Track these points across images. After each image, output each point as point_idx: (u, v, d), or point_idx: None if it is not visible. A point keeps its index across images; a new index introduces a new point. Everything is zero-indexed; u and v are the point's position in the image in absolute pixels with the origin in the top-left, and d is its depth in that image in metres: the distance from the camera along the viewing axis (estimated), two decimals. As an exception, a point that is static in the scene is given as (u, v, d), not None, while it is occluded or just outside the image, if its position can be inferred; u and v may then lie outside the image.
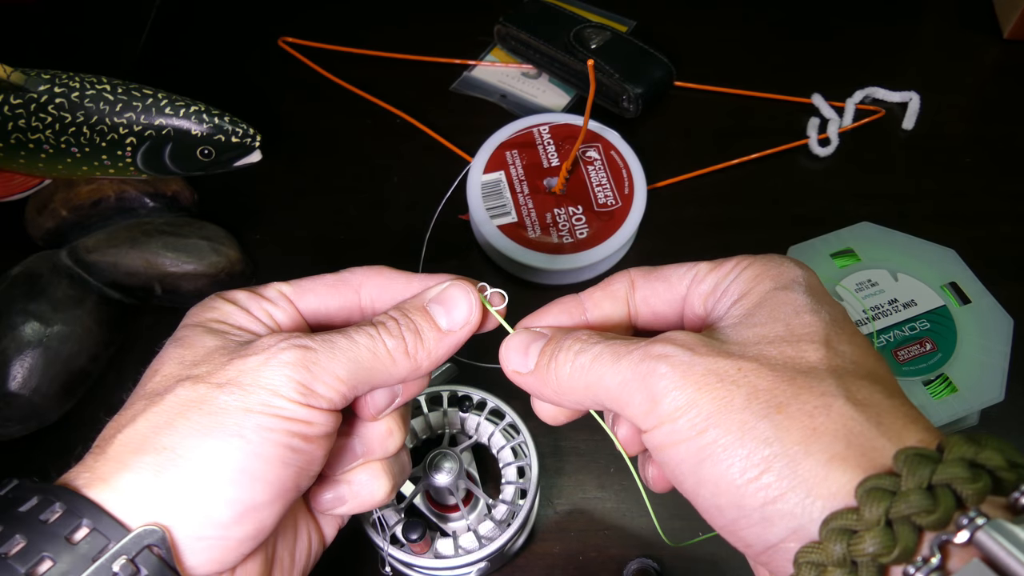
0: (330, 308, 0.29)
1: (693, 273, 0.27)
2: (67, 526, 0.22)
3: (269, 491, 0.24)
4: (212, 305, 0.28)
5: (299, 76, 0.62)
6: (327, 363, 0.25)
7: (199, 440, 0.24)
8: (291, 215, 0.55)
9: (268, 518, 0.25)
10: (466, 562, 0.37)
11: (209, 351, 0.26)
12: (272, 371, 0.25)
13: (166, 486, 0.23)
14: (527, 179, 0.53)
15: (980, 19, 0.66)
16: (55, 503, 0.23)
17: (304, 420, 0.25)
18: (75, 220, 0.49)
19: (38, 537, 0.22)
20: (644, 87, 0.58)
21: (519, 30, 0.61)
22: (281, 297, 0.28)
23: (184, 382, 0.25)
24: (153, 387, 0.25)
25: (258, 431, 0.24)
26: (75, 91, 0.42)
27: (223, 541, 0.24)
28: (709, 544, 0.43)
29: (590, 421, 0.48)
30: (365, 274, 0.29)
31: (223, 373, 0.25)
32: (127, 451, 0.24)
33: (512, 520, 0.38)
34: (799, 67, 0.63)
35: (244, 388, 0.24)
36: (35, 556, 0.22)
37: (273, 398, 0.24)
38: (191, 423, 0.24)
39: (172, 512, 0.23)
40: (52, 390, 0.44)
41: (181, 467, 0.23)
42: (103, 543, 0.22)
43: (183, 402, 0.24)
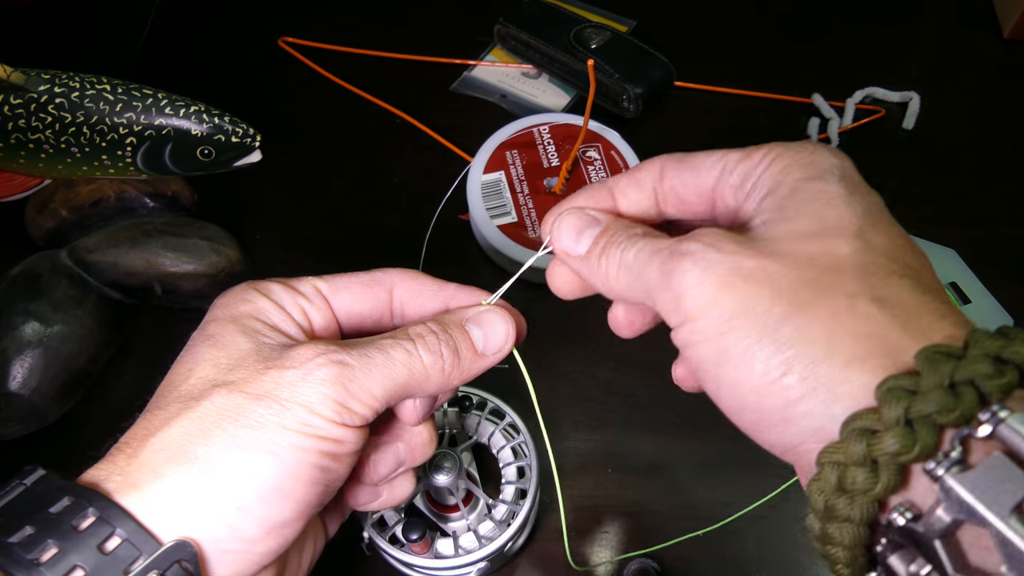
0: (363, 308, 0.29)
1: (722, 164, 0.25)
2: (99, 535, 0.22)
3: (296, 509, 0.24)
4: (246, 297, 0.27)
5: (299, 76, 0.62)
6: (363, 380, 0.25)
7: (233, 454, 0.23)
8: (291, 215, 0.55)
9: (292, 534, 0.25)
10: (466, 562, 0.37)
11: (244, 354, 0.25)
12: (309, 388, 0.24)
13: (198, 499, 0.23)
14: (527, 179, 0.53)
15: (980, 19, 0.66)
16: (87, 508, 0.22)
17: (337, 439, 0.24)
18: (75, 220, 0.49)
19: (70, 545, 0.22)
20: (644, 87, 0.58)
21: (519, 30, 0.61)
22: (316, 294, 0.28)
23: (219, 388, 0.24)
24: (188, 390, 0.25)
25: (292, 450, 0.24)
26: (75, 91, 0.42)
27: (248, 556, 0.24)
28: (709, 544, 0.43)
29: (590, 422, 0.49)
30: (398, 276, 0.29)
31: (260, 383, 0.24)
32: (161, 458, 0.23)
33: (512, 520, 0.38)
34: (799, 67, 0.63)
35: (281, 403, 0.24)
36: (67, 566, 0.21)
37: (309, 416, 0.24)
38: (226, 435, 0.23)
39: (202, 526, 0.23)
40: (52, 390, 0.44)
41: (214, 481, 0.23)
42: (134, 555, 0.22)
43: (219, 411, 0.24)
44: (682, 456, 0.46)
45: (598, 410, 0.47)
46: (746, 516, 0.44)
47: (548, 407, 0.47)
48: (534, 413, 0.37)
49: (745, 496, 0.44)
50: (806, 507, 0.47)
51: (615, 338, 0.50)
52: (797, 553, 0.43)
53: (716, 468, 0.45)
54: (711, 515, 0.44)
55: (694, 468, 0.45)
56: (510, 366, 0.29)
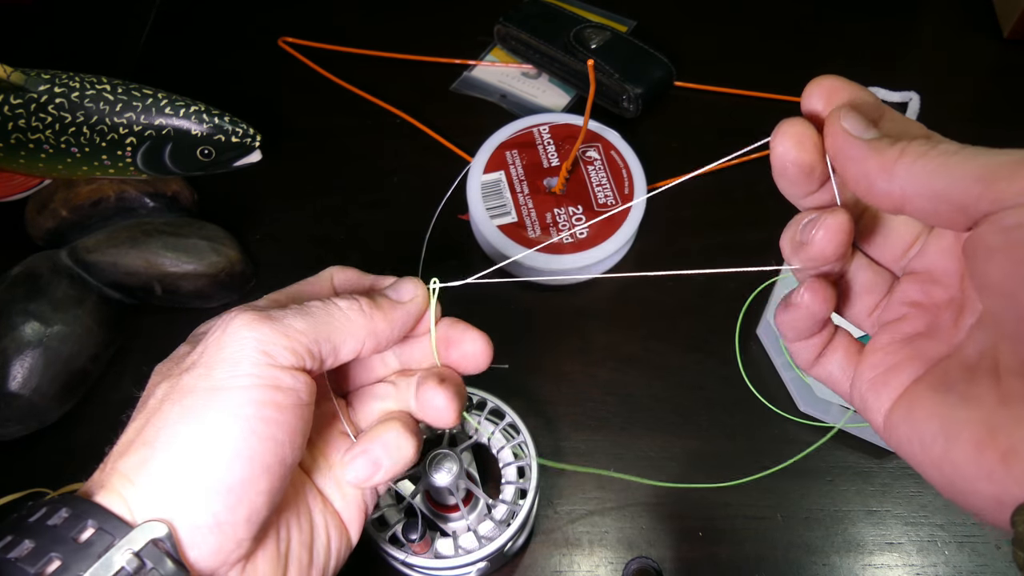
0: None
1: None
2: (73, 528, 0.23)
3: (250, 467, 0.24)
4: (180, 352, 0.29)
5: (299, 76, 0.62)
6: (285, 321, 0.25)
7: (173, 429, 0.24)
8: (291, 215, 0.55)
9: (258, 498, 0.24)
10: (466, 562, 0.37)
11: (184, 352, 0.27)
12: (231, 340, 0.25)
13: (165, 478, 0.24)
14: (527, 179, 0.53)
15: (980, 19, 0.66)
16: (61, 508, 0.23)
17: (276, 385, 0.24)
18: (75, 220, 0.49)
19: (46, 540, 0.23)
20: (644, 87, 0.58)
21: (519, 30, 0.61)
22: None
23: (160, 384, 0.26)
24: (142, 402, 0.27)
25: (240, 406, 0.24)
26: (75, 91, 0.42)
27: (220, 528, 0.24)
28: (709, 544, 0.43)
29: (589, 422, 0.49)
30: (335, 270, 0.31)
31: (188, 359, 0.26)
32: (117, 457, 0.25)
33: (512, 520, 0.38)
34: (799, 67, 0.63)
35: (207, 366, 0.25)
36: (43, 556, 0.22)
37: (235, 368, 0.24)
38: (164, 415, 0.24)
39: (167, 505, 0.24)
40: (52, 390, 0.44)
41: (175, 456, 0.24)
42: (109, 540, 0.23)
43: (159, 399, 0.25)
44: (682, 456, 0.46)
45: (598, 410, 0.47)
46: (746, 516, 0.44)
47: (548, 407, 0.47)
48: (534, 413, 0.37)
49: (745, 496, 0.44)
50: (807, 507, 0.48)
51: (615, 338, 0.50)
52: (797, 553, 0.43)
53: (716, 468, 0.45)
54: (711, 515, 0.44)
55: (694, 468, 0.45)
56: (510, 366, 0.29)
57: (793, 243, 0.24)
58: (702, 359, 0.49)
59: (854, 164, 0.22)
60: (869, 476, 0.45)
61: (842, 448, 0.46)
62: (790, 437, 0.46)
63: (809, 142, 0.23)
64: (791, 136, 0.23)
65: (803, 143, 0.23)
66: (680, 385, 0.48)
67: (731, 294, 0.52)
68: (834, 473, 0.45)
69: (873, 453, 0.46)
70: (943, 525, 0.44)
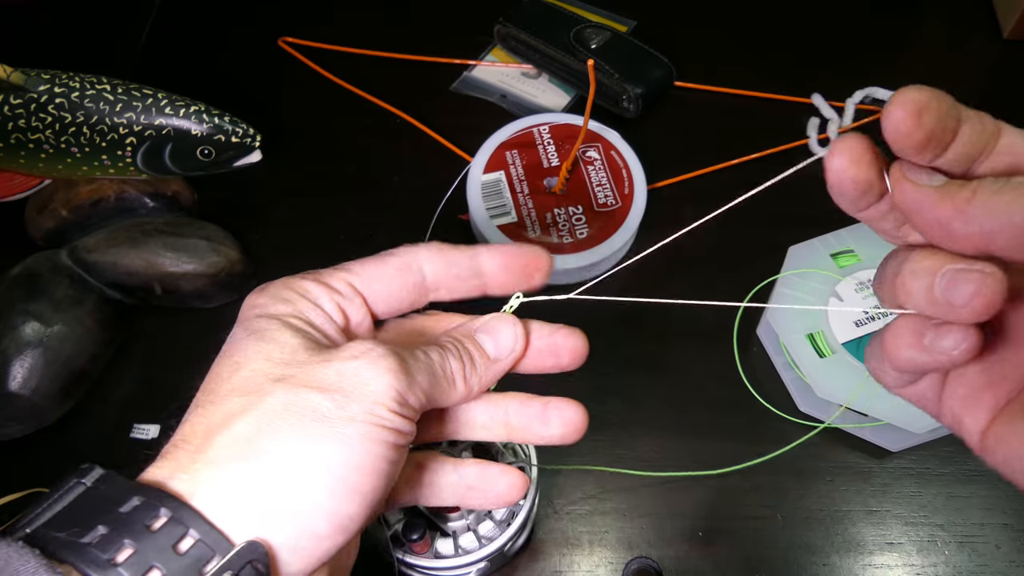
0: (399, 295, 0.28)
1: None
2: (173, 535, 0.21)
3: (363, 503, 0.24)
4: (284, 297, 0.26)
5: (299, 76, 0.62)
6: (415, 373, 0.25)
7: (303, 448, 0.23)
8: (291, 215, 0.55)
9: (356, 529, 0.24)
10: (466, 562, 0.37)
11: (294, 348, 0.25)
12: (375, 378, 0.24)
13: (268, 497, 0.22)
14: (527, 179, 0.53)
15: (980, 19, 0.66)
16: (159, 508, 0.22)
17: (399, 430, 0.24)
18: (75, 220, 0.49)
19: (145, 545, 0.21)
20: (644, 87, 0.58)
21: (519, 30, 0.61)
22: (350, 289, 0.28)
23: (280, 383, 0.24)
24: (242, 384, 0.24)
25: (361, 441, 0.23)
26: (75, 91, 0.42)
27: (315, 552, 0.23)
28: (709, 544, 0.43)
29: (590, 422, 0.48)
30: (426, 255, 0.28)
31: (323, 376, 0.24)
32: (227, 455, 0.23)
33: (512, 520, 0.38)
34: (799, 67, 0.63)
35: (347, 395, 0.24)
36: (144, 566, 0.21)
37: (376, 406, 0.24)
38: (294, 430, 0.23)
39: (272, 524, 0.22)
40: (52, 390, 0.44)
41: (283, 477, 0.23)
42: (208, 555, 0.22)
43: (284, 406, 0.23)
44: (682, 456, 0.46)
45: (598, 410, 0.47)
46: (746, 516, 0.44)
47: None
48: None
49: (745, 496, 0.44)
50: (807, 507, 0.48)
51: (615, 338, 0.50)
52: (797, 553, 0.43)
53: (715, 468, 0.45)
54: (711, 515, 0.44)
55: (694, 468, 0.45)
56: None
57: (902, 288, 0.22)
58: (702, 359, 0.49)
59: (927, 213, 0.21)
60: (869, 476, 0.45)
61: (842, 448, 0.46)
62: (790, 437, 0.46)
63: (866, 160, 0.23)
64: (848, 153, 0.23)
65: (860, 161, 0.23)
66: (680, 385, 0.48)
67: (731, 294, 0.52)
68: (834, 473, 0.45)
69: (873, 453, 0.46)
70: (943, 525, 0.44)
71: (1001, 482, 0.45)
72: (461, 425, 0.30)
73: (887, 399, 0.43)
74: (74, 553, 0.21)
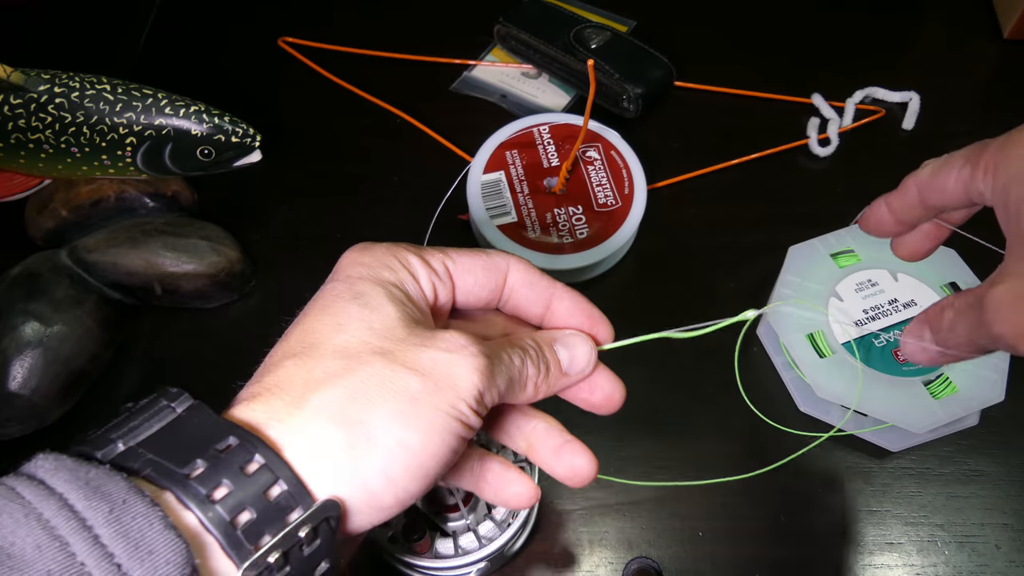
0: (481, 291, 0.29)
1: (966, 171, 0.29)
2: (265, 482, 0.22)
3: (424, 485, 0.25)
4: (388, 264, 0.27)
5: (299, 76, 0.62)
6: (495, 376, 0.26)
7: (394, 425, 0.24)
8: (291, 215, 0.55)
9: (409, 505, 0.25)
10: (466, 562, 0.37)
11: (394, 322, 0.26)
12: (463, 374, 0.25)
13: (353, 462, 0.24)
14: (527, 179, 0.53)
15: (980, 19, 0.66)
16: (254, 453, 0.23)
17: (472, 427, 0.26)
18: (75, 220, 0.49)
19: (240, 487, 0.22)
20: (644, 87, 0.58)
21: (519, 30, 0.61)
22: (445, 272, 0.29)
23: (379, 356, 0.25)
24: (343, 346, 0.25)
25: (441, 431, 0.25)
26: (75, 91, 0.42)
27: (374, 518, 0.25)
28: (709, 544, 0.43)
29: (589, 423, 0.48)
30: (514, 264, 0.30)
31: (417, 358, 0.25)
32: (324, 415, 0.24)
33: (512, 520, 0.38)
34: (799, 67, 0.63)
35: (437, 383, 0.25)
36: (238, 506, 0.22)
37: (458, 401, 0.25)
38: (387, 405, 0.24)
39: (349, 487, 0.24)
40: (52, 390, 0.44)
41: (371, 448, 0.24)
42: (292, 504, 0.23)
43: (381, 379, 0.24)
44: (682, 456, 0.46)
45: (598, 410, 0.47)
46: (746, 516, 0.44)
47: (548, 408, 0.47)
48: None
49: (745, 496, 0.44)
50: (807, 507, 0.48)
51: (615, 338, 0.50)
52: (797, 553, 0.43)
53: (715, 469, 0.45)
54: (711, 515, 0.44)
55: (693, 468, 0.45)
56: None
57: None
58: (702, 360, 0.49)
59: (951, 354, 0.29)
60: (869, 476, 0.45)
61: (842, 448, 0.46)
62: (790, 438, 0.46)
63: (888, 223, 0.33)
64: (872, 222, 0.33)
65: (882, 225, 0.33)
66: (680, 386, 0.48)
67: (731, 294, 0.52)
68: (834, 473, 0.45)
69: (873, 453, 0.46)
70: (943, 525, 0.44)
71: (1001, 482, 0.45)
72: (494, 424, 0.31)
73: (887, 399, 0.43)
74: (176, 483, 0.22)
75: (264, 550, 0.22)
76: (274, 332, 0.27)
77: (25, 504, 0.20)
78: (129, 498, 0.21)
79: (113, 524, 0.20)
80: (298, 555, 0.23)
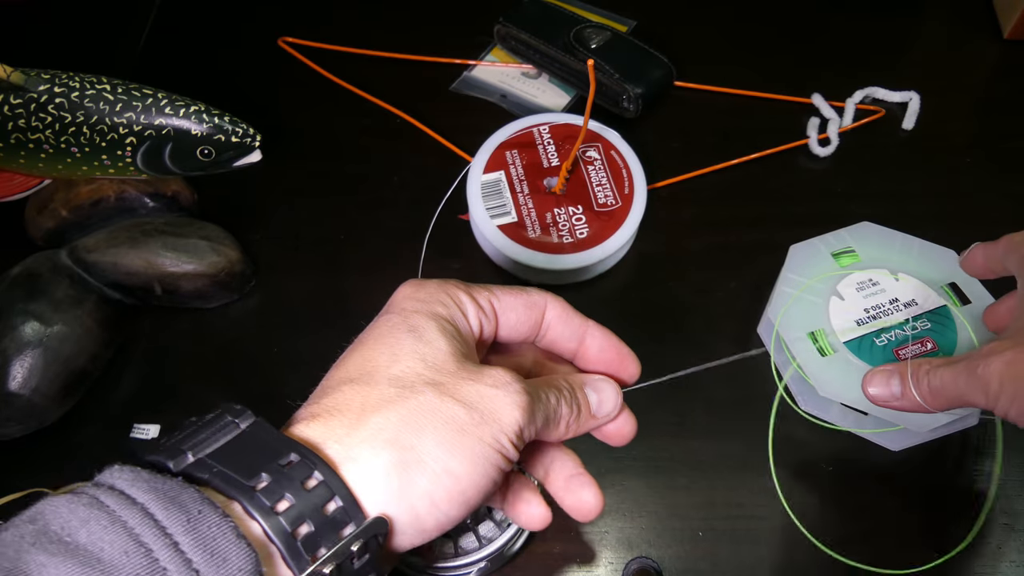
0: (520, 328, 0.31)
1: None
2: (323, 497, 0.24)
3: (464, 512, 0.26)
4: (442, 300, 0.29)
5: (299, 76, 0.62)
6: (536, 412, 0.27)
7: (442, 452, 0.25)
8: (291, 215, 0.55)
9: (447, 530, 0.26)
10: (466, 562, 0.37)
11: (445, 356, 0.27)
12: (507, 410, 0.26)
13: (403, 484, 0.25)
14: (527, 179, 0.53)
15: (980, 19, 0.66)
16: (313, 469, 0.24)
17: (510, 459, 0.27)
18: (75, 220, 0.49)
19: (301, 501, 0.23)
20: (644, 87, 0.58)
21: (519, 30, 0.61)
22: (491, 311, 0.30)
23: (431, 387, 0.26)
24: (399, 376, 0.26)
25: (484, 461, 0.26)
26: (75, 91, 0.42)
27: (414, 539, 0.26)
28: (709, 544, 0.43)
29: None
30: (551, 301, 0.31)
31: (465, 391, 0.26)
32: (380, 438, 0.25)
33: (512, 520, 0.38)
34: (799, 67, 0.63)
35: (483, 416, 0.26)
36: (298, 519, 0.23)
37: (501, 435, 0.26)
38: (437, 433, 0.25)
39: (397, 507, 0.25)
40: (52, 390, 0.44)
41: (421, 474, 0.25)
42: (346, 520, 0.24)
43: (432, 408, 0.26)
44: (682, 457, 0.46)
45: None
46: (746, 516, 0.44)
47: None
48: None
49: (745, 496, 0.44)
50: (807, 507, 0.48)
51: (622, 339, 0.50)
52: (798, 553, 0.43)
53: (715, 469, 0.45)
54: (711, 515, 0.44)
55: (693, 469, 0.45)
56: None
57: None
58: (702, 359, 0.49)
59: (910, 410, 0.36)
60: (869, 475, 0.45)
61: (842, 448, 0.46)
62: (791, 437, 0.46)
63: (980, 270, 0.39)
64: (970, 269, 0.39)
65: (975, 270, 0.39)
66: (680, 385, 0.48)
67: (731, 293, 0.52)
68: (834, 473, 0.45)
69: (873, 453, 0.46)
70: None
71: (1001, 482, 0.45)
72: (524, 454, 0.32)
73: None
74: (244, 494, 0.23)
75: (320, 562, 0.23)
76: (274, 332, 0.27)
77: (110, 513, 0.21)
78: (204, 508, 0.22)
79: (191, 533, 0.21)
80: (349, 567, 0.24)
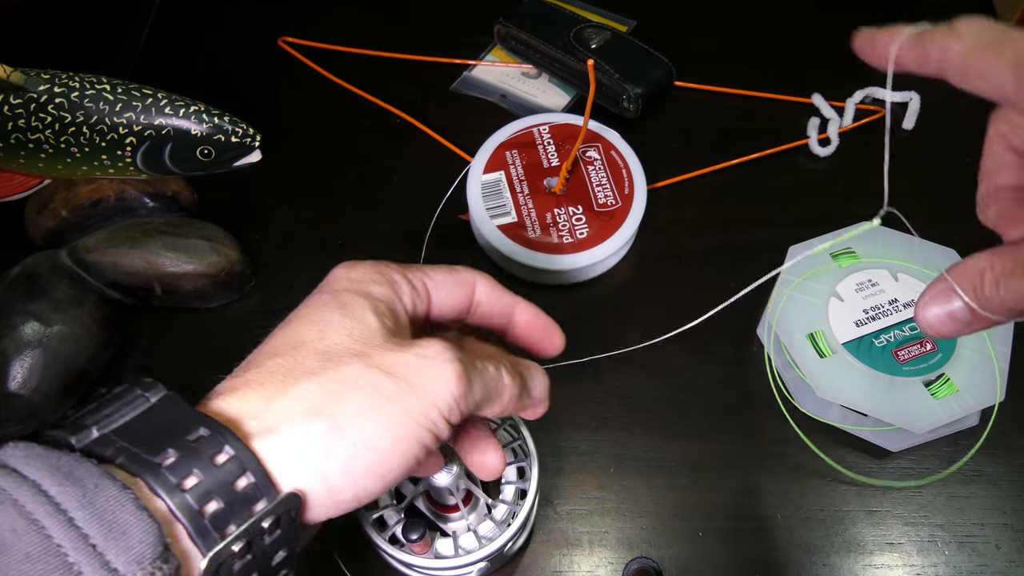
0: (452, 305, 0.31)
1: None
2: (233, 472, 0.23)
3: (382, 486, 0.25)
4: (375, 279, 0.29)
5: (299, 76, 0.62)
6: (473, 383, 0.27)
7: (362, 423, 0.25)
8: (291, 215, 0.55)
9: (363, 504, 0.26)
10: (466, 562, 0.37)
11: (372, 331, 0.27)
12: (437, 380, 0.26)
13: (318, 455, 0.24)
14: (527, 179, 0.53)
15: (980, 19, 0.66)
16: (224, 444, 0.23)
17: (439, 435, 0.26)
18: (75, 220, 0.49)
19: (209, 478, 0.23)
20: (644, 87, 0.58)
21: (519, 30, 0.61)
22: (424, 290, 0.30)
23: (356, 357, 0.26)
24: (325, 350, 0.26)
25: (409, 433, 0.25)
26: (75, 91, 0.42)
27: (329, 512, 0.25)
28: (709, 544, 0.43)
29: (590, 422, 0.48)
30: (480, 279, 0.32)
31: (392, 360, 0.26)
32: (299, 409, 0.25)
33: (512, 520, 0.38)
34: (799, 67, 0.63)
35: (411, 387, 0.25)
36: (205, 495, 0.23)
37: (430, 407, 0.26)
38: (361, 403, 0.25)
39: (311, 479, 0.24)
40: (52, 390, 0.44)
41: (339, 443, 0.24)
42: (258, 496, 0.23)
43: (356, 379, 0.25)
44: (682, 457, 0.46)
45: (598, 410, 0.47)
46: (745, 516, 0.44)
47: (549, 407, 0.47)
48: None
49: (745, 496, 0.44)
50: (807, 507, 0.48)
51: (615, 340, 0.50)
52: (797, 553, 0.43)
53: (715, 469, 0.45)
54: (711, 515, 0.44)
55: (693, 468, 0.45)
56: None
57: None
58: (702, 359, 0.49)
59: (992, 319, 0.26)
60: (869, 476, 0.45)
61: (842, 448, 0.46)
62: (791, 437, 0.46)
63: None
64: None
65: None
66: (680, 385, 0.48)
67: (731, 294, 0.52)
68: (834, 473, 0.45)
69: (873, 453, 0.46)
70: (943, 525, 0.44)
71: (1001, 482, 0.45)
72: None
73: (887, 399, 0.43)
74: (148, 471, 0.22)
75: (229, 539, 0.22)
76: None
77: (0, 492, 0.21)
78: (100, 482, 0.21)
79: (86, 507, 0.21)
80: (260, 544, 0.23)
